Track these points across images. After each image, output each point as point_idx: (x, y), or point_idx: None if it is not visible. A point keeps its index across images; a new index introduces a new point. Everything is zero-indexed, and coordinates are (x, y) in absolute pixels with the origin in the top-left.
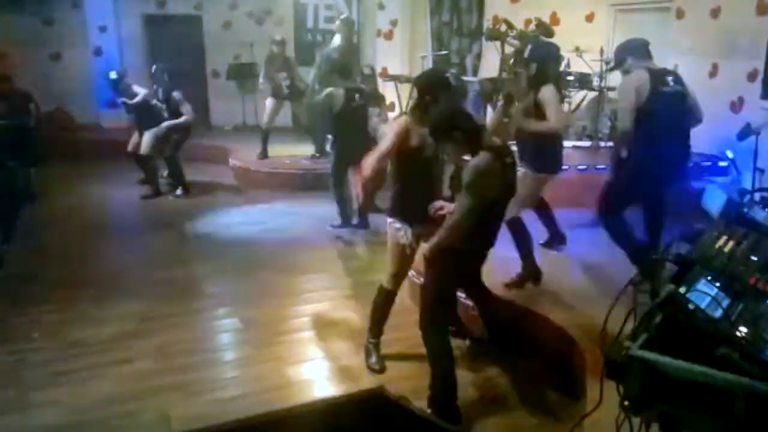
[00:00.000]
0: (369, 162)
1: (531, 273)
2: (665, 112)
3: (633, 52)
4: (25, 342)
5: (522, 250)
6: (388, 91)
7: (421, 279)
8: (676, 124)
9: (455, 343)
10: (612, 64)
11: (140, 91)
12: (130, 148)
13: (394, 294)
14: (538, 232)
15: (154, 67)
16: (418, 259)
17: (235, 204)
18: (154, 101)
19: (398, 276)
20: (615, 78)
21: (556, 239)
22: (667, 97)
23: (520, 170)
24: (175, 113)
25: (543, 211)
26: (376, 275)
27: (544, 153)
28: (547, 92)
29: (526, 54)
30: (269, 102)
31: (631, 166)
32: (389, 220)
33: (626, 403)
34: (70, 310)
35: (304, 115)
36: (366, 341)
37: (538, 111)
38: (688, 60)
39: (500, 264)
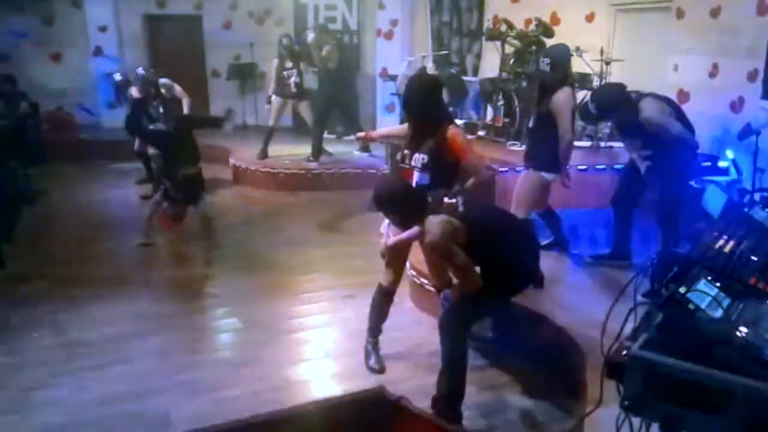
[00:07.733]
0: None
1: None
2: None
3: None
4: (25, 342)
5: None
6: (386, 90)
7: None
8: None
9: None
10: None
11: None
12: (136, 148)
13: (393, 293)
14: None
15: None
16: (419, 259)
17: (234, 204)
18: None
19: (396, 275)
20: (616, 78)
21: (559, 245)
22: None
23: (522, 170)
24: (168, 104)
25: (550, 216)
26: (376, 275)
27: (554, 154)
28: (561, 97)
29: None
30: (275, 101)
31: None
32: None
33: (626, 403)
34: (70, 310)
35: (309, 116)
36: (365, 341)
37: (549, 119)
38: (688, 60)
39: None
